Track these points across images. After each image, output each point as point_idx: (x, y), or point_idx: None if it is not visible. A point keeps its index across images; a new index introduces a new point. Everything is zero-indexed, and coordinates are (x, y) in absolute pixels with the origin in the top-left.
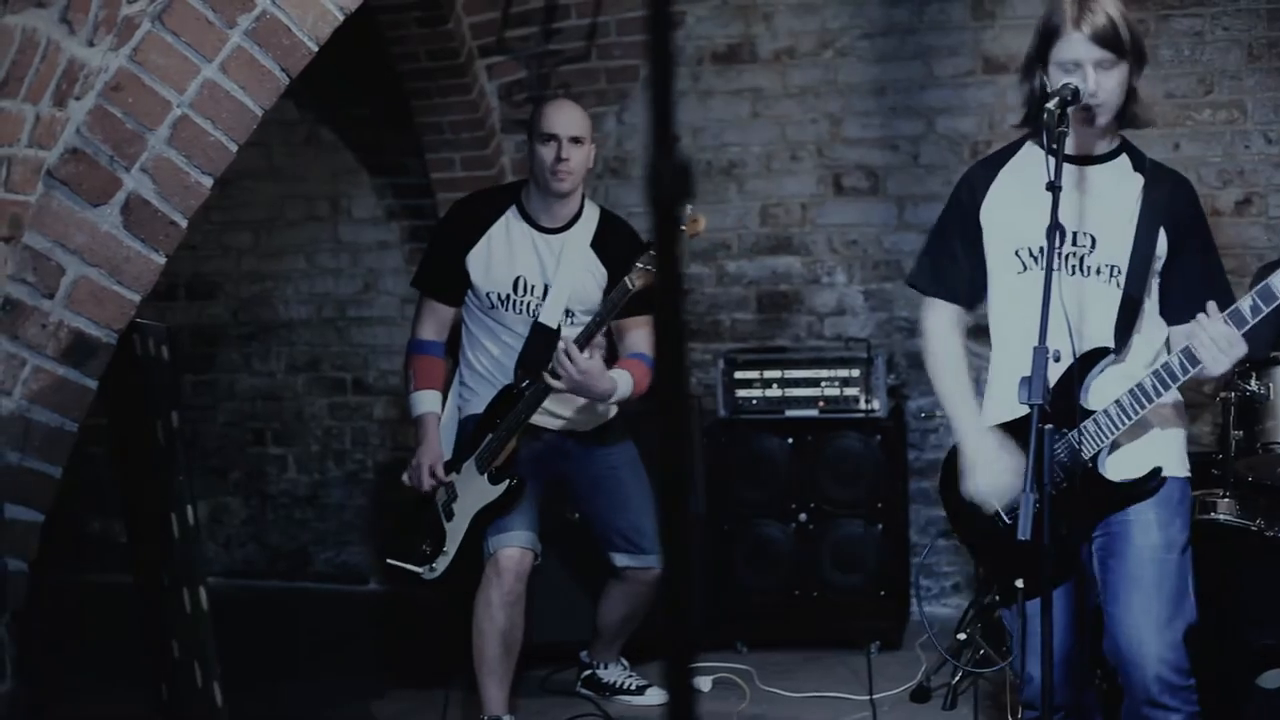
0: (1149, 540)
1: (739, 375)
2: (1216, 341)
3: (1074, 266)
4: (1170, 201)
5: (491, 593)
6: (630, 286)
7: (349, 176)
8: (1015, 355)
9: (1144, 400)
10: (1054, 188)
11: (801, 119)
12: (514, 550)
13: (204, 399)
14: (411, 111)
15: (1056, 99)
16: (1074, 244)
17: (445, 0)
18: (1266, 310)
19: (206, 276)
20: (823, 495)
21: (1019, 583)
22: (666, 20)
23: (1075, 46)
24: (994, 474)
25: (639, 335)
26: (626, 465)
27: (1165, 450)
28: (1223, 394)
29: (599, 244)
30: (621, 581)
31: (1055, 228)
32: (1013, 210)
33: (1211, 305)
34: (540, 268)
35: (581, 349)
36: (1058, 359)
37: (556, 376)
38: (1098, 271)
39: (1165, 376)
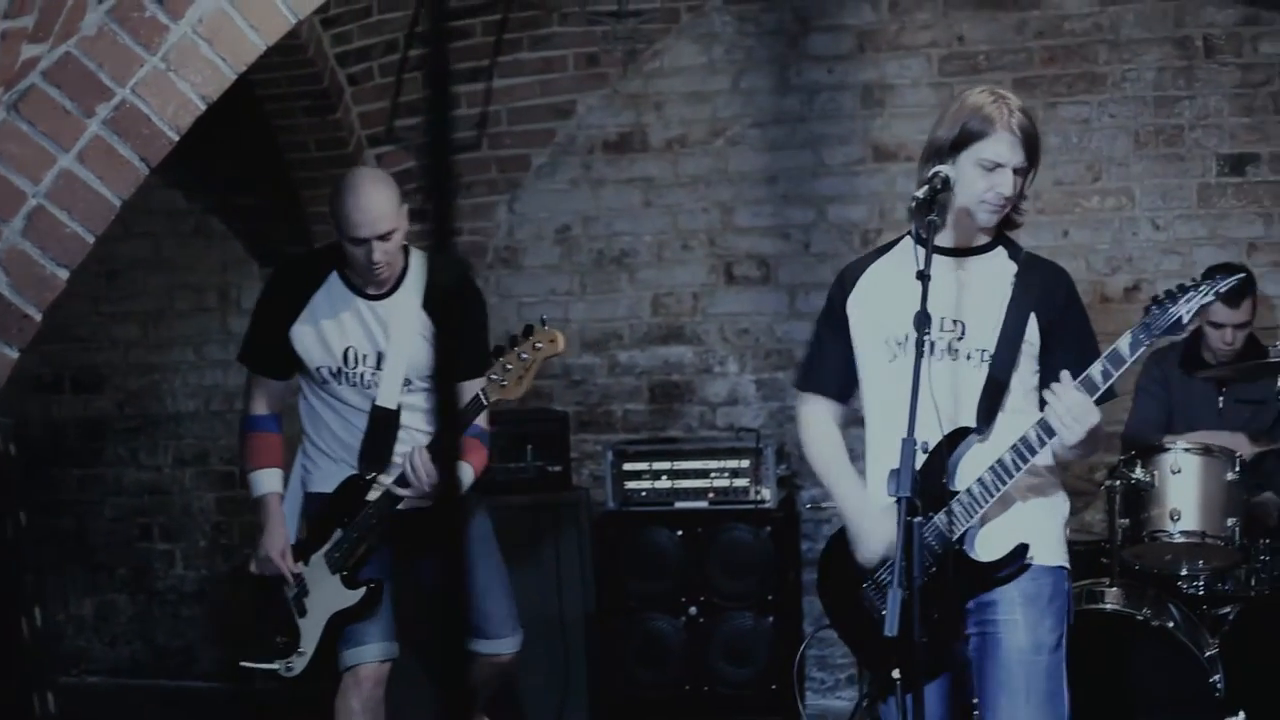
0: (1017, 643)
1: (628, 466)
2: (1071, 410)
3: (942, 351)
4: (1043, 288)
5: (351, 700)
6: (485, 400)
7: (238, 267)
8: (888, 444)
9: (1005, 476)
10: (923, 277)
11: (693, 208)
12: (371, 666)
13: (90, 493)
14: (300, 201)
15: (926, 188)
16: (941, 329)
17: (333, 89)
18: (1116, 374)
19: (93, 368)
20: (713, 588)
21: (895, 674)
22: (445, 104)
23: (1002, 148)
24: (882, 536)
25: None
26: (480, 543)
27: (1036, 541)
28: (1108, 482)
29: (431, 304)
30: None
31: (923, 314)
32: (882, 300)
33: (1065, 374)
34: (369, 336)
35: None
36: (926, 450)
37: (405, 484)
38: (968, 356)
39: (1024, 449)
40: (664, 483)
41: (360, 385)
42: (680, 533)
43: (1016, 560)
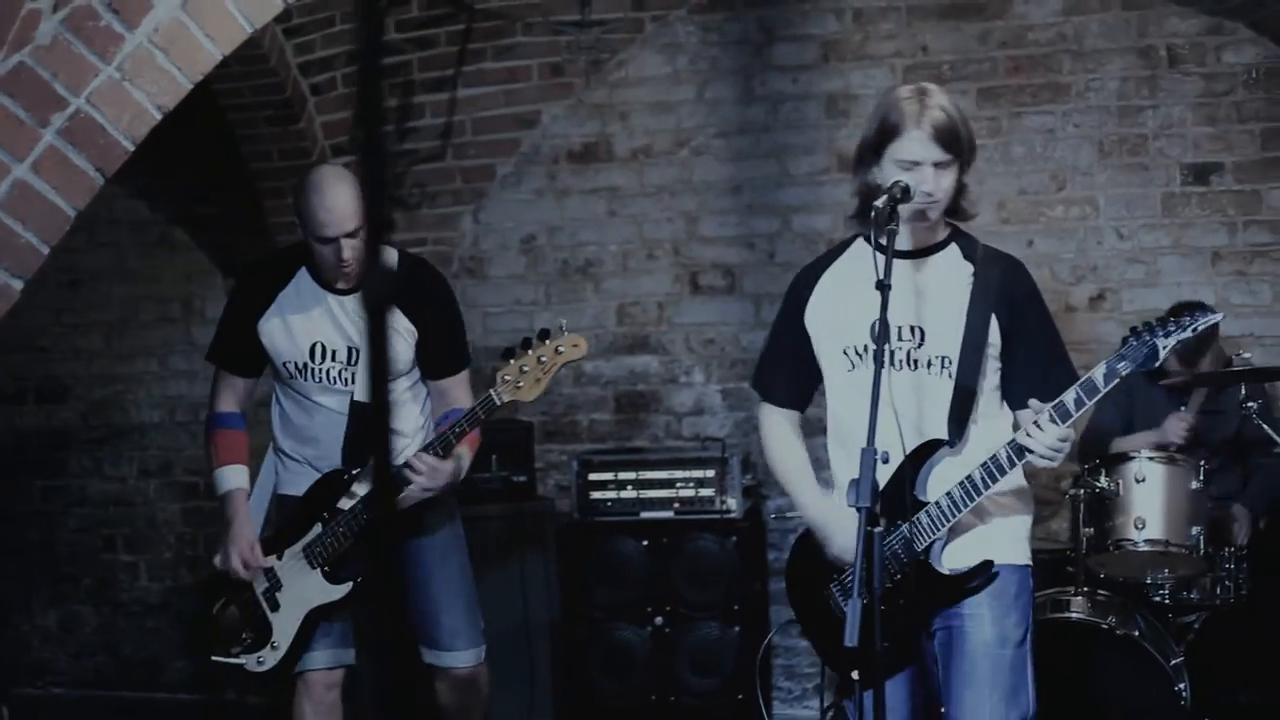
0: (983, 636)
1: (593, 477)
2: (1053, 446)
3: (901, 361)
4: (1001, 287)
5: (304, 705)
6: (497, 401)
7: (202, 277)
8: (852, 453)
9: (974, 493)
10: (883, 287)
11: (658, 217)
12: (319, 672)
13: (54, 504)
14: (264, 211)
15: (885, 197)
16: (900, 339)
17: (296, 99)
18: (1089, 403)
19: (57, 379)
20: (679, 598)
21: (855, 675)
22: (377, 117)
23: (915, 146)
24: (851, 530)
25: (459, 393)
26: (440, 552)
27: (1001, 540)
28: (1072, 491)
29: (402, 298)
30: (434, 678)
31: (884, 326)
32: (839, 310)
33: (1034, 402)
34: (339, 330)
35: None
36: (886, 460)
37: (406, 481)
38: (929, 365)
39: (994, 469)
40: (629, 493)
41: (327, 382)
42: (645, 542)
43: (981, 575)
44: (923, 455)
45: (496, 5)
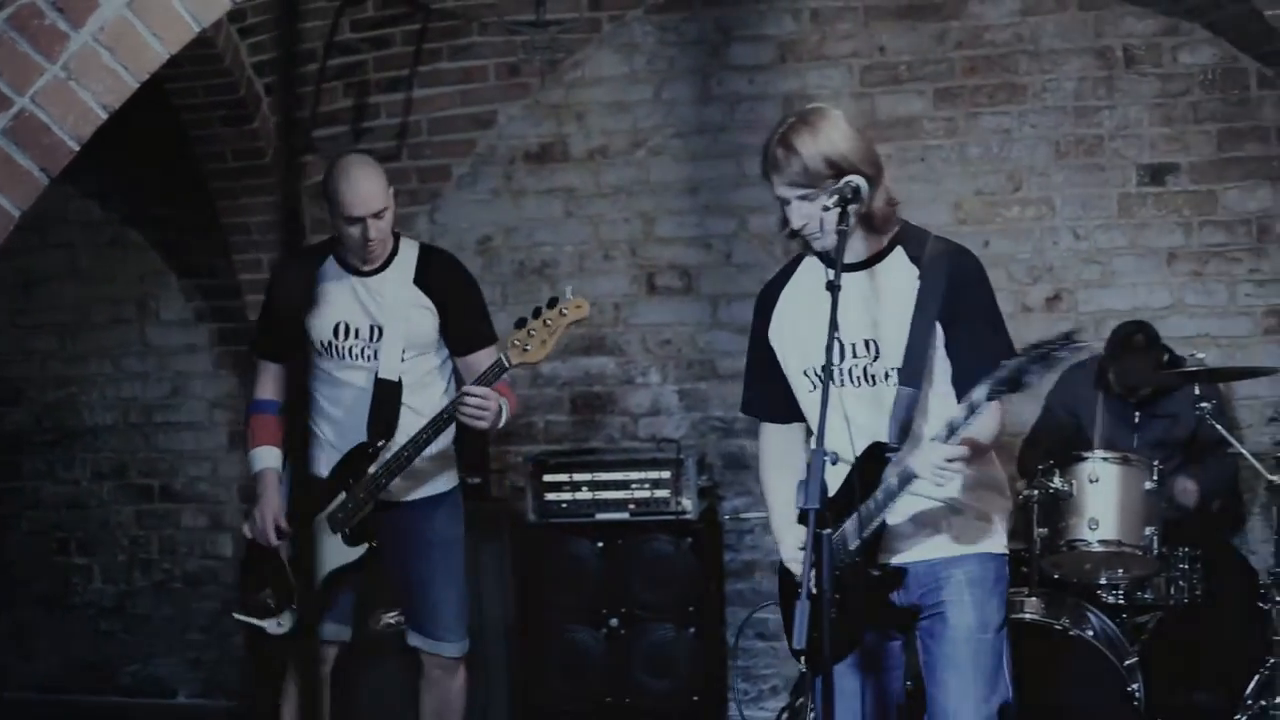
0: (965, 620)
1: (548, 478)
2: (934, 466)
3: (859, 378)
4: (946, 288)
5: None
6: (506, 364)
7: (156, 278)
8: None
9: (890, 500)
10: (833, 287)
11: (614, 218)
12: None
13: (6, 508)
14: (218, 211)
15: (835, 196)
16: (855, 355)
17: (250, 100)
18: (972, 420)
19: (9, 381)
20: (634, 599)
21: (801, 665)
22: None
23: (776, 188)
24: (792, 543)
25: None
26: (441, 544)
27: (975, 530)
28: (1025, 491)
29: (422, 279)
30: (421, 666)
31: (833, 325)
32: (797, 331)
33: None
34: (362, 310)
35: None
36: (835, 461)
37: (472, 416)
38: (886, 377)
39: (885, 495)
40: (584, 494)
41: (349, 359)
42: (601, 544)
43: (896, 580)
44: (873, 459)
45: (452, 5)
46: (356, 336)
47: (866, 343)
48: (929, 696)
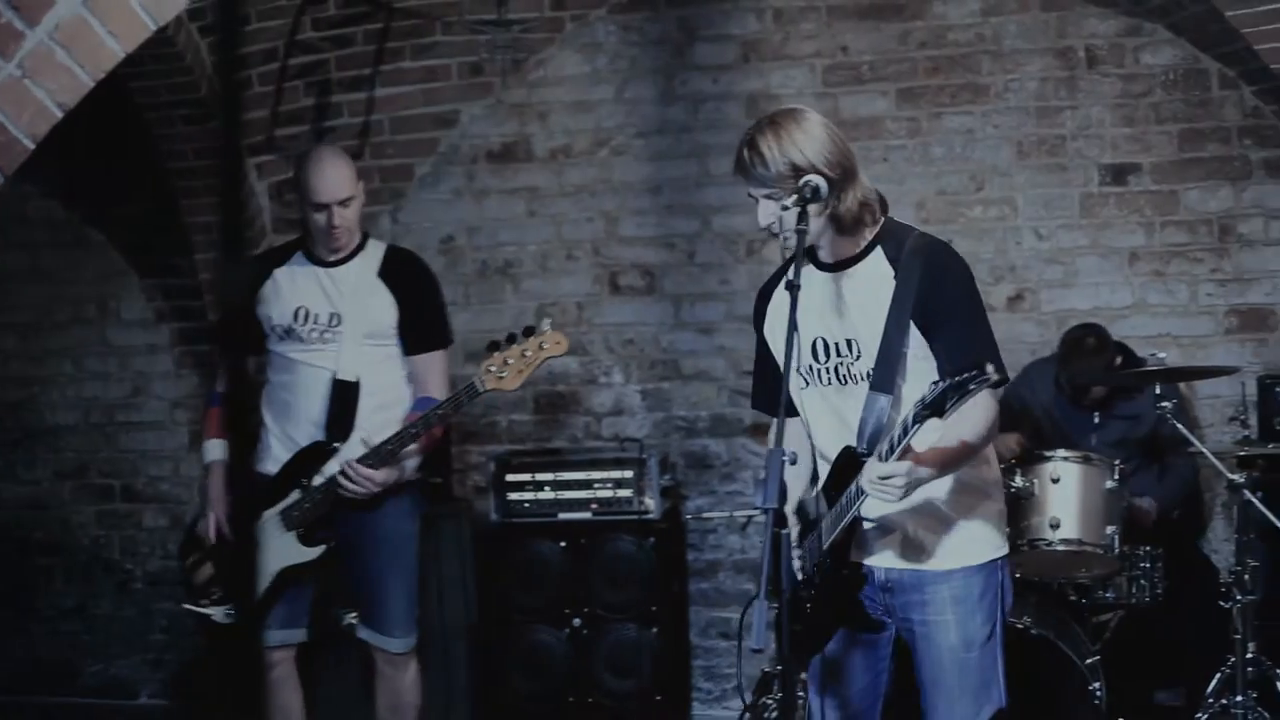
0: (948, 642)
1: (510, 478)
2: (874, 482)
3: (844, 376)
4: (920, 286)
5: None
6: (480, 388)
7: (118, 278)
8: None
9: (852, 504)
10: (792, 287)
11: (577, 218)
12: (268, 650)
13: None
14: (180, 211)
15: (795, 196)
16: (838, 354)
17: (212, 98)
18: (909, 438)
19: None
20: (597, 599)
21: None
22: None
23: (747, 187)
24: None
25: (433, 376)
26: (396, 547)
27: (956, 543)
28: None
29: (386, 274)
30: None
31: (793, 327)
32: (785, 330)
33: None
34: (323, 296)
35: (378, 466)
36: (794, 461)
37: (350, 480)
38: (866, 377)
39: (847, 503)
40: (547, 494)
41: (307, 343)
42: (564, 544)
43: (861, 580)
44: (849, 462)
45: (415, 4)
46: (315, 322)
47: (849, 342)
48: (923, 709)
